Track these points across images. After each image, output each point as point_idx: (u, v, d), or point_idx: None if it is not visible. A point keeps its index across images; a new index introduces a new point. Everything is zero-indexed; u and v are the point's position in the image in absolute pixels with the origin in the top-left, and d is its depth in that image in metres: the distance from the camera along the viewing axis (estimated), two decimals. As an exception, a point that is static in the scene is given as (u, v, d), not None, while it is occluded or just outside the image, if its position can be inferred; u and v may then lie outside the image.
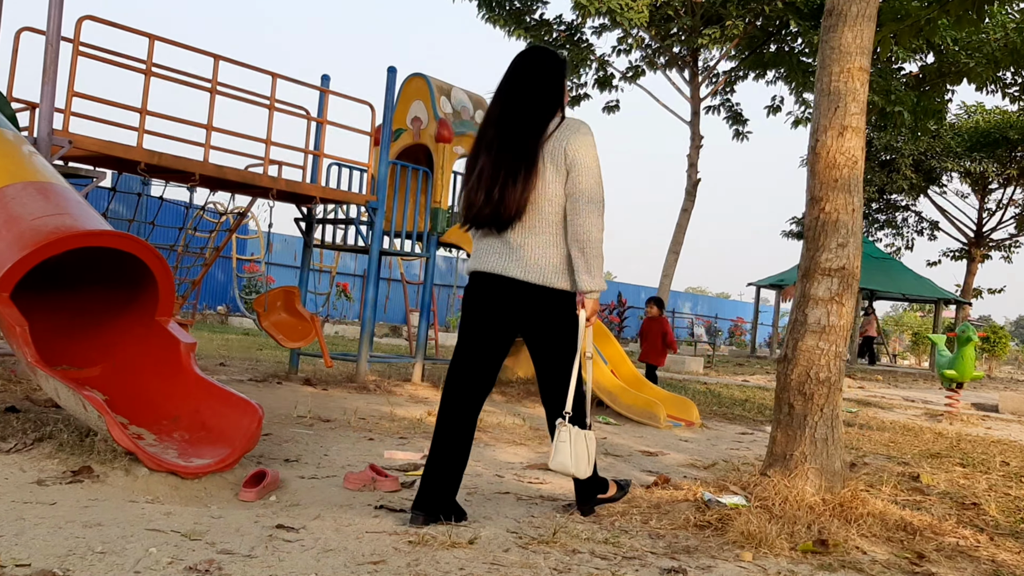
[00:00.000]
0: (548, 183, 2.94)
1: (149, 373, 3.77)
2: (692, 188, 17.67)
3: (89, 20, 5.35)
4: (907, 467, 4.88)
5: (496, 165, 2.95)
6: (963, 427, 7.93)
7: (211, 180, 6.23)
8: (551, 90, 3.04)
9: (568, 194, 2.94)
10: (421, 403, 6.31)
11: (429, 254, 7.83)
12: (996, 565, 2.85)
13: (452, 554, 2.53)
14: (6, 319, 3.26)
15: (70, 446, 3.34)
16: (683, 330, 32.82)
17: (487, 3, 16.65)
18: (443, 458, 2.97)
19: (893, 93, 15.73)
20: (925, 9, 5.77)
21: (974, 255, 26.68)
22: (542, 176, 2.93)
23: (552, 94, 3.04)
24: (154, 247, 3.68)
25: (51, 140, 4.92)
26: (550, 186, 2.94)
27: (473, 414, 3.03)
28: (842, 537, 2.93)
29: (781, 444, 3.42)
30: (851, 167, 3.45)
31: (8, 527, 2.46)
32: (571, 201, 2.94)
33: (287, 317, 7.21)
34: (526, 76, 3.05)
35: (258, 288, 14.20)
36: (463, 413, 3.01)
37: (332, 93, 7.42)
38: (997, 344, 23.32)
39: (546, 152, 2.94)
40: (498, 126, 3.01)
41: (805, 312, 3.44)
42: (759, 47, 17.13)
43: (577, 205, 2.92)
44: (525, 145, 2.93)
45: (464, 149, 7.83)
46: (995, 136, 23.40)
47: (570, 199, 2.94)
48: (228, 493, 3.15)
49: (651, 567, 2.55)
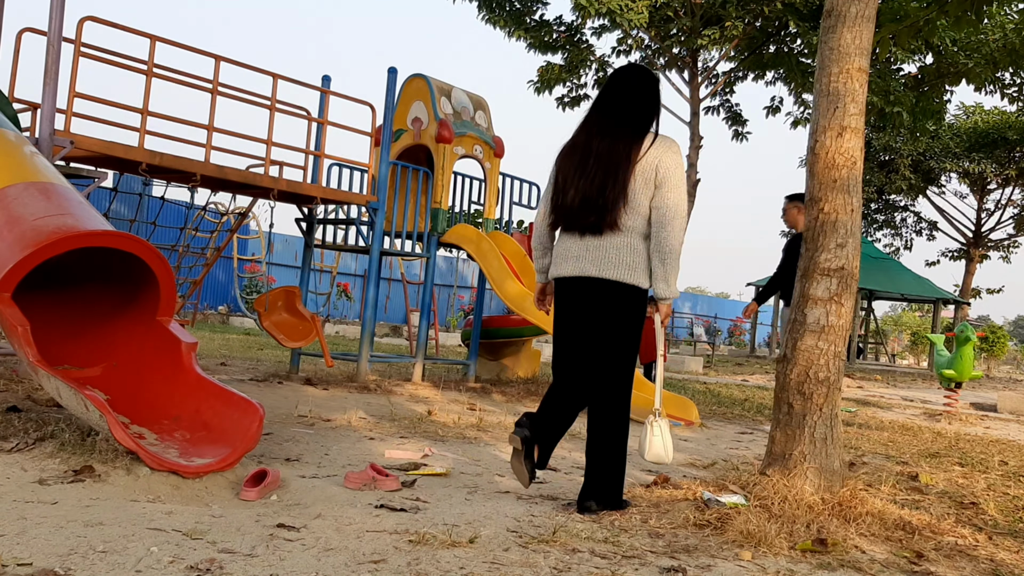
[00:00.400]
0: (636, 193, 3.13)
1: (150, 373, 3.78)
2: (691, 188, 17.67)
3: (90, 21, 5.36)
4: (906, 466, 4.89)
5: (594, 175, 3.15)
6: (962, 427, 7.94)
7: (212, 180, 6.23)
8: (648, 107, 3.26)
9: (655, 207, 3.13)
10: (422, 403, 6.32)
11: (429, 254, 7.84)
12: (995, 564, 2.86)
13: (452, 553, 2.54)
14: (8, 319, 3.27)
15: (71, 446, 3.35)
16: (683, 330, 32.82)
17: (487, 4, 16.66)
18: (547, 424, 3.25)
19: (892, 94, 15.74)
20: (924, 10, 5.78)
21: (973, 255, 26.71)
22: (632, 187, 3.12)
23: (649, 111, 3.26)
24: (155, 247, 3.69)
25: (53, 141, 4.93)
26: (637, 196, 3.13)
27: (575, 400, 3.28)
28: (841, 536, 2.94)
29: (780, 444, 3.43)
30: (850, 167, 3.46)
31: (10, 526, 2.47)
32: (657, 213, 3.13)
33: (288, 317, 7.22)
34: (626, 93, 3.25)
35: (259, 288, 14.21)
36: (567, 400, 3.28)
37: (333, 94, 7.43)
38: (996, 344, 23.36)
39: (639, 166, 3.13)
40: (599, 137, 3.21)
41: (804, 312, 3.45)
42: (758, 48, 17.14)
43: (664, 218, 3.11)
44: (623, 158, 3.14)
45: (464, 150, 7.84)
46: (994, 136, 23.41)
47: (656, 211, 3.13)
48: (229, 492, 3.16)
49: (651, 566, 2.56)
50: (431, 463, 4.07)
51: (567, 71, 17.52)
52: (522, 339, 8.84)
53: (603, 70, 17.89)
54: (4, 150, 4.01)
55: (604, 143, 3.18)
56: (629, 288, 3.16)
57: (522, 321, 7.84)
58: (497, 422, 5.68)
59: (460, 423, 5.50)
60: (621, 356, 3.21)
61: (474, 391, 7.38)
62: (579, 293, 3.22)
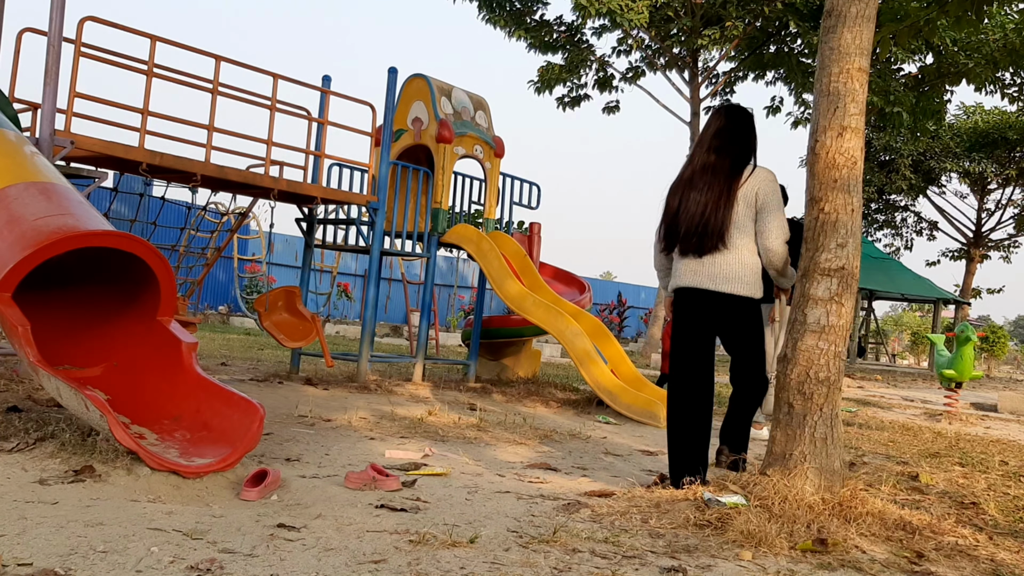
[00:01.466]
0: (739, 216, 3.63)
1: (151, 373, 3.78)
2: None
3: (91, 21, 5.36)
4: (906, 466, 4.89)
5: (702, 203, 3.65)
6: (962, 427, 7.94)
7: (213, 180, 6.24)
8: (747, 143, 3.77)
9: (760, 230, 3.65)
10: (422, 403, 6.32)
11: (430, 254, 7.84)
12: (995, 564, 2.86)
13: (453, 553, 2.54)
14: (8, 319, 3.27)
15: (72, 446, 3.35)
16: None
17: (487, 4, 16.66)
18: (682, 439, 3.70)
19: (892, 94, 15.74)
20: (924, 10, 5.78)
21: (973, 255, 26.70)
22: (736, 211, 3.63)
23: (748, 146, 3.76)
24: (156, 247, 3.69)
25: (53, 141, 4.93)
26: (740, 219, 3.64)
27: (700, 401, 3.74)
28: (841, 536, 2.94)
29: (780, 444, 3.43)
30: (850, 167, 3.46)
31: (10, 526, 2.47)
32: (763, 236, 3.64)
33: (288, 317, 7.22)
34: (728, 130, 3.75)
35: (259, 288, 14.22)
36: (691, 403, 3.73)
37: (333, 94, 7.43)
38: (996, 344, 23.35)
39: (740, 193, 3.63)
40: (703, 170, 3.71)
41: (804, 312, 3.45)
42: (759, 48, 17.14)
43: (768, 238, 3.64)
44: (726, 187, 3.64)
45: (465, 150, 7.85)
46: (994, 136, 23.40)
47: (762, 235, 3.64)
48: (229, 492, 3.16)
49: (651, 566, 2.56)
50: (431, 463, 4.07)
51: (567, 71, 17.52)
52: (522, 339, 8.85)
53: (603, 70, 17.89)
54: (4, 150, 4.01)
55: (709, 176, 3.67)
56: (738, 299, 3.68)
57: (522, 321, 7.84)
58: (497, 422, 5.68)
59: (460, 423, 5.50)
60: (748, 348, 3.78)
61: (474, 391, 7.38)
62: (697, 302, 3.72)
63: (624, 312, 26.65)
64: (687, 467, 3.63)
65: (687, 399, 3.75)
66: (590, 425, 6.12)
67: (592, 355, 6.96)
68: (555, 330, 7.04)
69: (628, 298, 28.79)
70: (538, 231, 8.89)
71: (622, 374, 7.35)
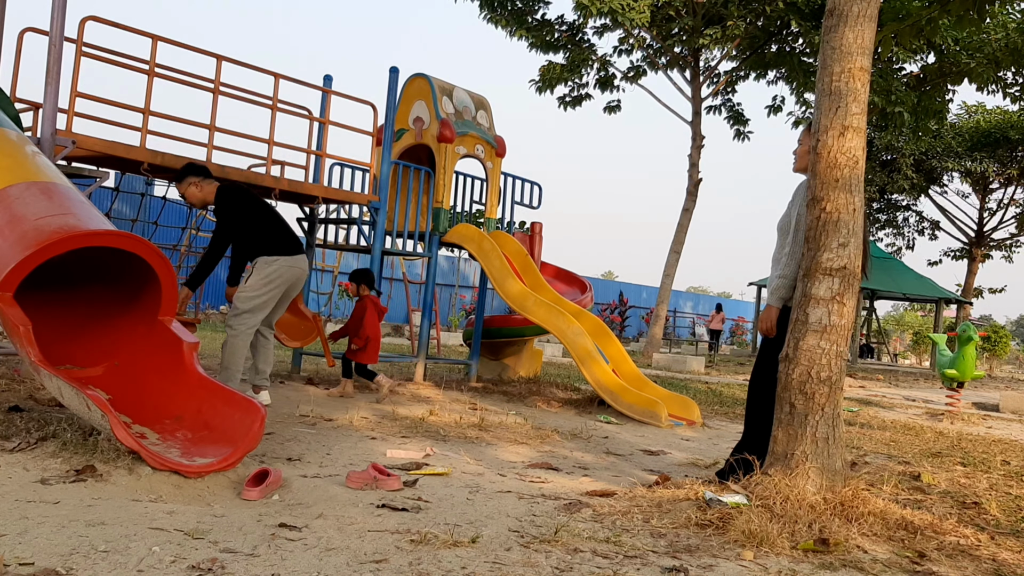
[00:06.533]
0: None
1: (152, 372, 3.78)
2: (693, 188, 17.67)
3: (92, 21, 5.36)
4: (908, 466, 4.88)
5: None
6: (964, 426, 7.94)
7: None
8: None
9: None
10: (423, 402, 6.32)
11: (431, 254, 7.84)
12: (997, 564, 2.85)
13: (454, 553, 2.54)
14: (10, 319, 3.27)
15: (73, 445, 3.35)
16: (684, 329, 32.83)
17: (489, 3, 16.66)
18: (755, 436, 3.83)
19: (894, 93, 15.73)
20: (926, 9, 5.77)
21: (975, 255, 26.68)
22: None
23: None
24: (157, 247, 3.69)
25: (54, 140, 4.93)
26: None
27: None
28: (843, 536, 2.93)
29: (782, 443, 3.43)
30: (852, 167, 3.45)
31: (12, 526, 2.47)
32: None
33: (289, 316, 7.21)
34: None
35: (260, 288, 14.17)
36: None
37: (334, 93, 7.42)
38: (998, 343, 23.32)
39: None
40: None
41: (806, 311, 3.45)
42: (760, 47, 17.14)
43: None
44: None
45: (466, 149, 7.84)
46: (996, 136, 23.38)
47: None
48: (231, 492, 3.16)
49: (652, 566, 2.56)
50: (433, 463, 4.07)
51: (569, 71, 17.51)
52: (524, 339, 8.84)
53: (605, 70, 17.89)
54: (6, 150, 4.02)
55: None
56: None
57: (524, 321, 7.84)
58: (498, 422, 5.68)
59: (462, 423, 5.50)
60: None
61: (476, 391, 7.38)
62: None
63: (625, 312, 26.66)
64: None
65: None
66: (591, 425, 6.12)
67: (594, 355, 6.96)
68: (556, 330, 7.04)
69: (629, 298, 28.81)
70: (539, 231, 8.89)
71: (623, 374, 7.35)
